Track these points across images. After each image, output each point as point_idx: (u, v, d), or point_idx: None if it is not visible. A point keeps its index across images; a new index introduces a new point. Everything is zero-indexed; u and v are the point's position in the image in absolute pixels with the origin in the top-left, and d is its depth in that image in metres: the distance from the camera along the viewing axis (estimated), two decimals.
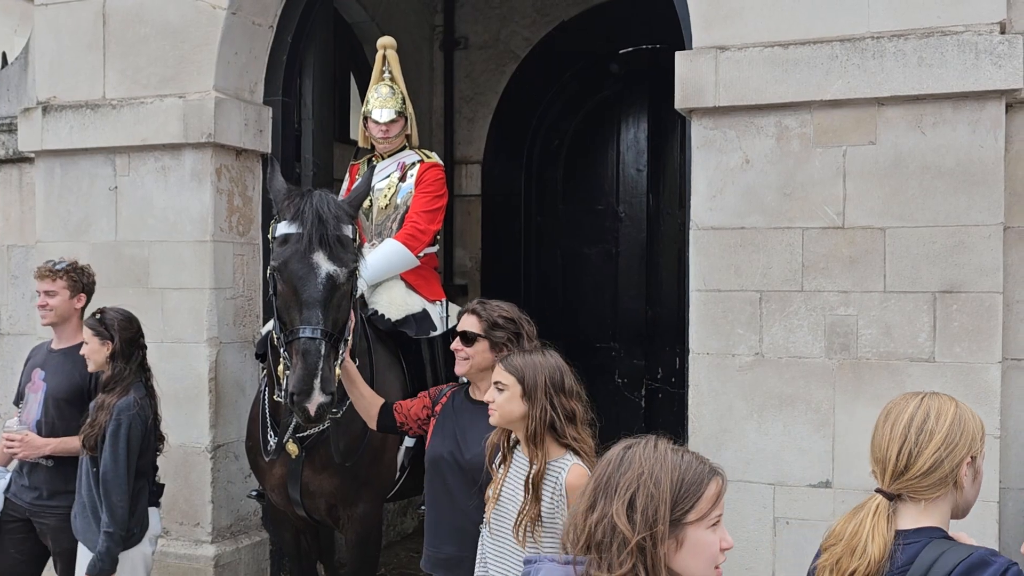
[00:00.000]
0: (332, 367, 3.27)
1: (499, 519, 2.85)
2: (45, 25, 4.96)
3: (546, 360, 2.84)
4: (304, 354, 3.20)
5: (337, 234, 3.37)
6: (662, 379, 6.72)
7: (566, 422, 2.77)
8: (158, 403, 3.88)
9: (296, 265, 3.31)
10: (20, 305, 5.36)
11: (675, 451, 1.75)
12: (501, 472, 2.89)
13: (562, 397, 2.78)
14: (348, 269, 3.39)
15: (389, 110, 4.49)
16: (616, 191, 6.86)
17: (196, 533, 4.67)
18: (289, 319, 3.34)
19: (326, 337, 3.24)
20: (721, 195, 3.81)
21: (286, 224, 3.39)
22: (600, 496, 1.71)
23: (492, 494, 2.89)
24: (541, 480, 2.73)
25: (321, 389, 3.18)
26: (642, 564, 1.63)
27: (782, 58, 3.67)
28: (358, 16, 6.53)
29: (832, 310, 3.67)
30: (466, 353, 3.18)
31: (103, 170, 4.82)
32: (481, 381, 3.20)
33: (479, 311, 3.21)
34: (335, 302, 3.34)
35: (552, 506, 2.72)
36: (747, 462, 3.79)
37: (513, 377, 2.78)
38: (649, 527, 1.64)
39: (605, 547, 1.66)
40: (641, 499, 1.66)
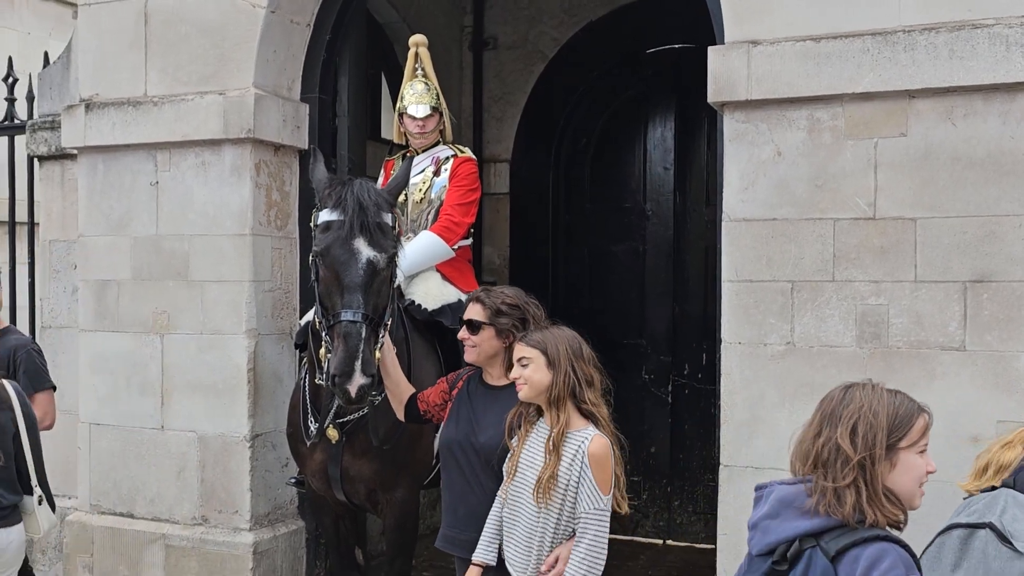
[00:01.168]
0: (372, 350, 3.38)
1: (516, 491, 2.98)
2: (88, 24, 5.08)
3: (562, 332, 3.08)
4: (345, 337, 3.31)
5: (377, 221, 3.48)
6: (689, 375, 6.76)
7: (586, 386, 2.99)
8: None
9: (338, 251, 3.42)
10: (61, 298, 5.48)
11: (890, 392, 2.10)
12: (517, 445, 3.02)
13: (581, 363, 3.01)
14: (388, 255, 3.49)
15: (424, 106, 4.59)
16: (643, 189, 6.91)
17: (235, 521, 4.76)
18: (331, 304, 3.45)
19: (367, 320, 3.35)
20: (753, 187, 3.87)
21: (328, 212, 3.50)
22: (826, 424, 2.07)
23: (509, 468, 3.02)
24: (561, 441, 2.93)
25: (362, 371, 3.29)
26: (862, 478, 1.99)
27: (814, 52, 3.73)
28: (389, 16, 6.63)
29: (863, 300, 3.72)
30: (472, 341, 3.32)
31: (144, 166, 4.93)
32: (491, 367, 3.35)
33: (483, 299, 3.35)
34: (375, 287, 3.45)
35: (569, 470, 2.92)
36: (779, 450, 3.79)
37: (536, 350, 3.00)
38: (868, 449, 2.00)
39: (830, 464, 2.02)
40: (862, 427, 2.01)
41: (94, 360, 5.07)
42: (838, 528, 1.98)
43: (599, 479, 2.92)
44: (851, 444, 2.00)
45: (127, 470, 5.01)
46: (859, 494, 1.97)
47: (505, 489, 3.10)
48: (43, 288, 5.59)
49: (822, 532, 2.00)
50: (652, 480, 6.78)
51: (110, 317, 5.03)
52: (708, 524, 6.51)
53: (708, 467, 6.59)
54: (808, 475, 2.06)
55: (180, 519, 4.89)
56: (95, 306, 5.06)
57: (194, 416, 4.84)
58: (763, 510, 2.12)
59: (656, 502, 6.83)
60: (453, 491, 3.32)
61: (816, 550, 1.98)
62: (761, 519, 2.11)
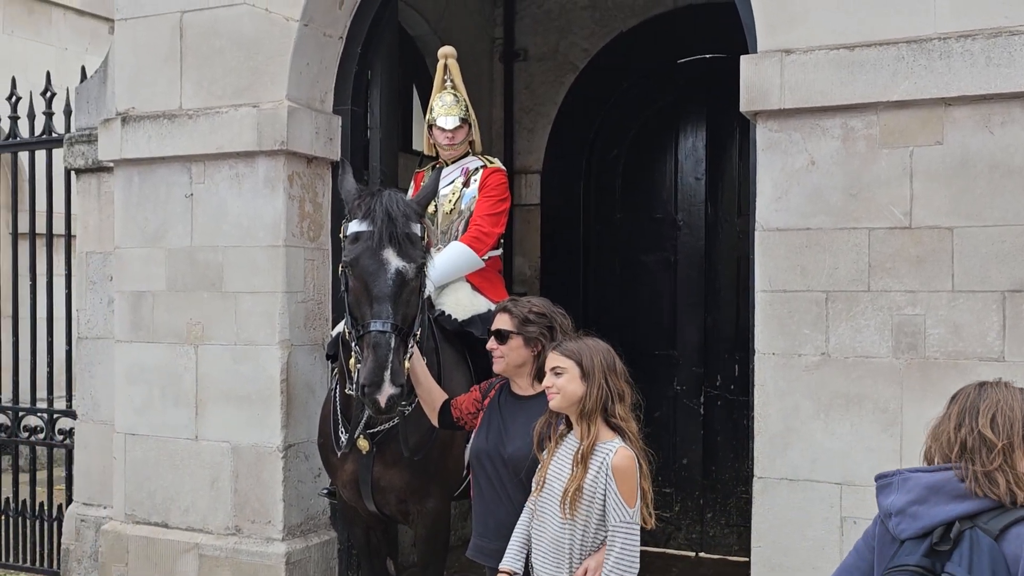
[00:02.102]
0: (402, 360, 3.39)
1: (544, 502, 2.98)
2: (124, 39, 5.15)
3: (596, 343, 3.08)
4: (375, 347, 3.33)
5: (406, 231, 3.50)
6: (721, 386, 6.72)
7: (617, 400, 2.99)
8: None
9: (367, 261, 3.44)
10: (98, 310, 5.54)
11: (1020, 389, 2.29)
12: (547, 458, 3.02)
13: (614, 376, 3.01)
14: (416, 265, 3.51)
15: (454, 117, 4.61)
16: (674, 199, 6.89)
17: (268, 531, 4.78)
18: (360, 314, 3.47)
19: (396, 331, 3.36)
20: (786, 196, 3.85)
21: (357, 222, 3.53)
22: (965, 416, 2.25)
23: (538, 480, 3.01)
24: (590, 455, 2.93)
25: (391, 381, 3.31)
26: (1006, 463, 2.18)
27: (848, 60, 3.70)
28: (421, 29, 6.67)
29: (899, 310, 3.68)
30: (500, 352, 3.33)
31: (179, 178, 4.99)
32: (519, 377, 3.35)
33: (511, 309, 3.35)
34: (404, 297, 3.47)
35: (595, 482, 2.92)
36: (813, 461, 3.81)
37: (571, 360, 3.00)
38: (1008, 437, 2.19)
39: (976, 451, 2.20)
40: (1000, 418, 2.21)
41: (130, 371, 5.12)
42: (993, 510, 2.15)
43: (623, 491, 2.92)
44: (992, 432, 2.19)
45: (161, 480, 5.05)
46: (1007, 476, 2.16)
47: (534, 500, 3.10)
48: (80, 300, 5.66)
49: (977, 514, 2.16)
50: (684, 492, 6.73)
51: (145, 328, 5.08)
52: (741, 537, 6.46)
53: (741, 479, 6.54)
54: (954, 463, 2.22)
55: (213, 529, 4.91)
56: (131, 317, 5.11)
57: (228, 426, 4.87)
58: (908, 496, 2.23)
59: (689, 514, 6.78)
60: (483, 501, 3.32)
61: (976, 530, 2.14)
62: (908, 505, 2.22)
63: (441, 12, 6.73)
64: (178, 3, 4.98)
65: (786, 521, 3.84)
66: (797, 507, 3.83)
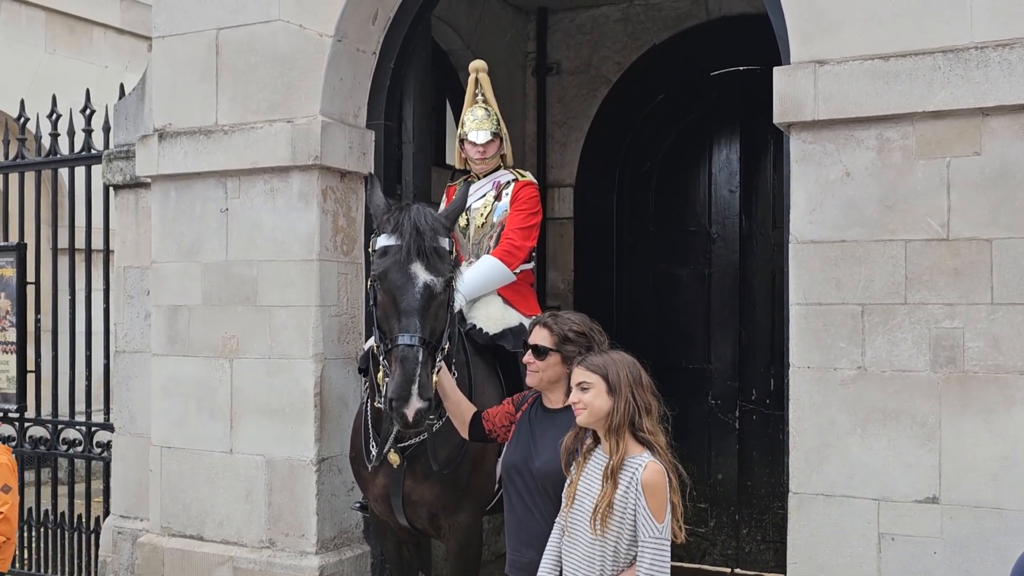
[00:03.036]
0: (430, 374, 3.39)
1: (575, 518, 2.97)
2: (162, 56, 5.23)
3: (622, 357, 3.07)
4: (403, 361, 3.33)
5: (434, 245, 3.51)
6: (756, 400, 6.66)
7: (644, 414, 2.97)
8: None
9: (395, 275, 3.45)
10: (135, 323, 5.61)
11: None
12: (575, 473, 3.00)
13: (641, 390, 3.00)
14: (444, 279, 3.52)
15: (485, 132, 4.62)
16: (708, 212, 6.85)
17: (301, 544, 4.80)
18: (388, 328, 3.48)
19: (424, 344, 3.37)
20: (821, 209, 3.81)
21: (385, 237, 3.54)
22: None
23: (567, 496, 3.00)
24: (619, 470, 2.91)
25: (419, 395, 3.31)
26: None
27: (883, 70, 3.66)
28: (453, 44, 6.70)
29: (937, 323, 3.63)
30: (536, 366, 3.32)
31: (215, 193, 5.04)
32: (552, 392, 3.35)
33: (551, 325, 3.34)
34: (432, 311, 3.47)
35: (625, 498, 2.90)
36: (850, 476, 3.75)
37: (597, 375, 2.99)
38: None
39: None
40: None
41: (165, 384, 5.17)
42: None
43: (653, 506, 2.89)
44: None
45: (196, 493, 5.09)
46: None
47: (563, 516, 3.08)
48: (117, 314, 5.73)
49: None
50: (719, 508, 6.67)
51: (181, 342, 5.12)
52: (777, 553, 6.38)
53: (777, 494, 6.47)
54: None
55: (248, 542, 4.94)
56: (167, 331, 5.17)
57: (262, 440, 4.90)
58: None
59: (724, 530, 6.71)
60: (515, 515, 3.32)
61: None
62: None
63: (474, 27, 6.76)
64: (214, 20, 5.05)
65: (822, 537, 3.79)
66: (833, 523, 3.77)
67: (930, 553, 3.62)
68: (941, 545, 3.60)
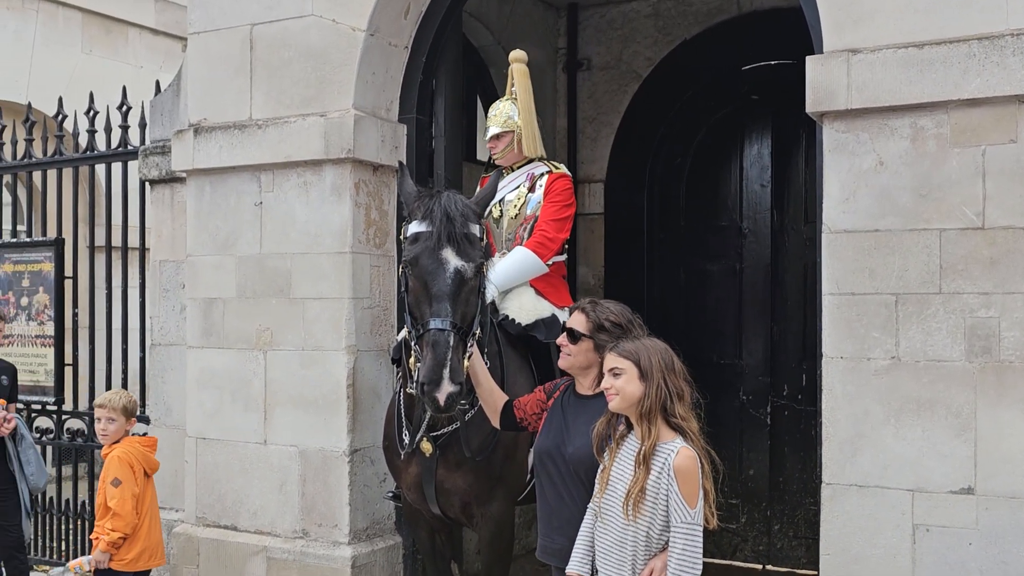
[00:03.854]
0: (461, 358, 3.41)
1: (608, 504, 2.98)
2: (197, 52, 5.29)
3: (654, 343, 3.07)
4: (434, 345, 3.35)
5: (464, 231, 3.53)
6: (788, 396, 6.62)
7: (676, 400, 2.97)
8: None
9: (426, 261, 3.48)
10: (170, 317, 5.68)
11: None
12: (608, 460, 3.00)
13: (673, 376, 3.00)
14: (475, 265, 3.54)
15: (495, 126, 4.68)
16: (740, 207, 6.83)
17: (334, 535, 4.84)
18: (419, 313, 3.51)
19: (455, 329, 3.38)
20: (854, 198, 3.79)
21: (416, 223, 3.58)
22: None
23: (600, 481, 3.00)
24: (651, 456, 2.92)
25: (450, 379, 3.33)
26: None
27: (917, 59, 3.64)
28: (484, 40, 6.73)
29: (972, 312, 3.60)
30: (569, 350, 3.32)
31: (249, 186, 5.09)
32: (584, 377, 3.35)
33: (588, 311, 3.35)
34: (463, 296, 3.50)
35: (657, 483, 2.91)
36: (884, 467, 3.73)
37: (629, 361, 2.99)
38: None
39: None
40: None
41: (201, 376, 5.24)
42: None
43: (685, 492, 2.89)
44: None
45: (231, 483, 5.14)
46: None
47: (596, 502, 3.08)
48: (153, 307, 5.81)
49: None
50: (751, 504, 6.64)
51: (216, 334, 5.18)
52: (809, 549, 6.35)
53: (809, 490, 6.43)
54: None
55: (281, 532, 4.98)
56: (202, 323, 5.23)
57: (295, 431, 4.94)
58: None
59: (755, 526, 6.68)
60: (546, 501, 3.33)
61: None
62: None
63: (504, 22, 6.78)
64: (248, 16, 5.10)
65: (856, 529, 3.77)
66: (867, 514, 3.75)
67: (966, 544, 3.59)
68: (977, 536, 3.57)
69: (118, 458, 4.43)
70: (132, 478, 4.41)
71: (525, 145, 4.68)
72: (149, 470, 4.57)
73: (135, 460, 4.46)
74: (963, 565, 3.59)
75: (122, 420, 4.51)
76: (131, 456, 4.45)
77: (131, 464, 4.43)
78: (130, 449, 4.49)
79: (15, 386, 5.47)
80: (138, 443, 4.57)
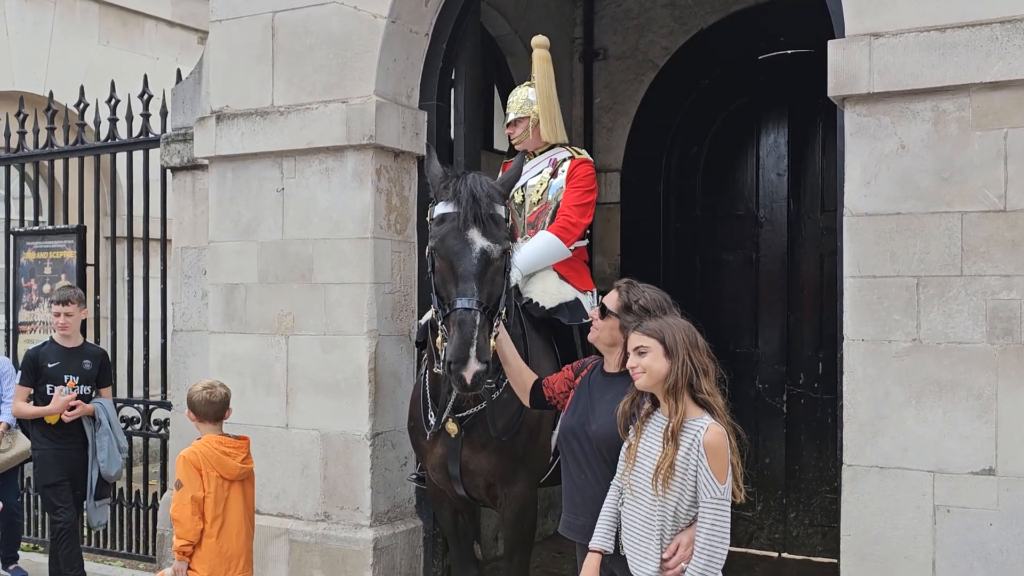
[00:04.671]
0: (487, 337, 3.44)
1: (635, 481, 3.05)
2: (219, 40, 5.33)
3: (677, 320, 3.12)
4: (460, 324, 3.39)
5: (490, 212, 3.57)
6: (804, 384, 6.64)
7: (702, 376, 3.00)
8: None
9: (452, 241, 3.52)
10: (192, 303, 5.73)
11: None
12: (634, 437, 3.03)
13: (697, 352, 3.03)
14: (501, 246, 3.57)
15: (513, 112, 4.72)
16: (756, 196, 6.84)
17: (356, 517, 4.88)
18: (446, 293, 3.55)
19: (481, 308, 3.41)
20: (875, 181, 3.82)
21: (443, 204, 3.61)
22: None
23: (627, 458, 3.03)
24: (679, 432, 2.94)
25: (477, 357, 3.36)
26: None
27: (939, 42, 3.66)
28: (502, 29, 6.76)
29: (994, 295, 3.62)
30: (597, 324, 3.36)
31: (271, 173, 5.14)
32: (609, 355, 3.39)
33: (623, 290, 3.37)
34: (489, 276, 3.53)
35: (686, 459, 2.94)
36: (905, 449, 3.75)
37: (653, 339, 3.03)
38: None
39: None
40: None
41: (223, 361, 5.28)
42: None
43: (715, 468, 2.92)
44: None
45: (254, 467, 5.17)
46: None
47: (621, 478, 3.11)
48: (175, 293, 5.85)
49: None
50: (767, 492, 6.66)
51: (238, 319, 5.23)
52: (825, 537, 6.37)
53: (825, 478, 6.46)
54: None
55: (303, 515, 5.03)
56: (224, 309, 5.27)
57: (317, 415, 4.99)
58: None
59: (771, 514, 6.71)
60: (570, 478, 3.36)
61: None
62: None
63: (522, 12, 6.81)
64: (270, 3, 5.14)
65: (876, 510, 3.79)
66: (888, 495, 3.78)
67: (986, 525, 3.61)
68: (997, 517, 3.59)
69: (184, 458, 4.12)
70: (197, 481, 4.06)
71: (543, 130, 4.70)
72: (226, 474, 4.15)
73: (204, 462, 4.09)
74: (983, 546, 3.61)
75: (190, 413, 4.21)
76: (199, 457, 4.10)
77: (197, 466, 4.08)
78: (203, 450, 4.12)
79: (105, 370, 5.47)
80: (217, 444, 4.17)
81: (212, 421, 4.20)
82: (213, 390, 4.20)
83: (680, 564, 2.95)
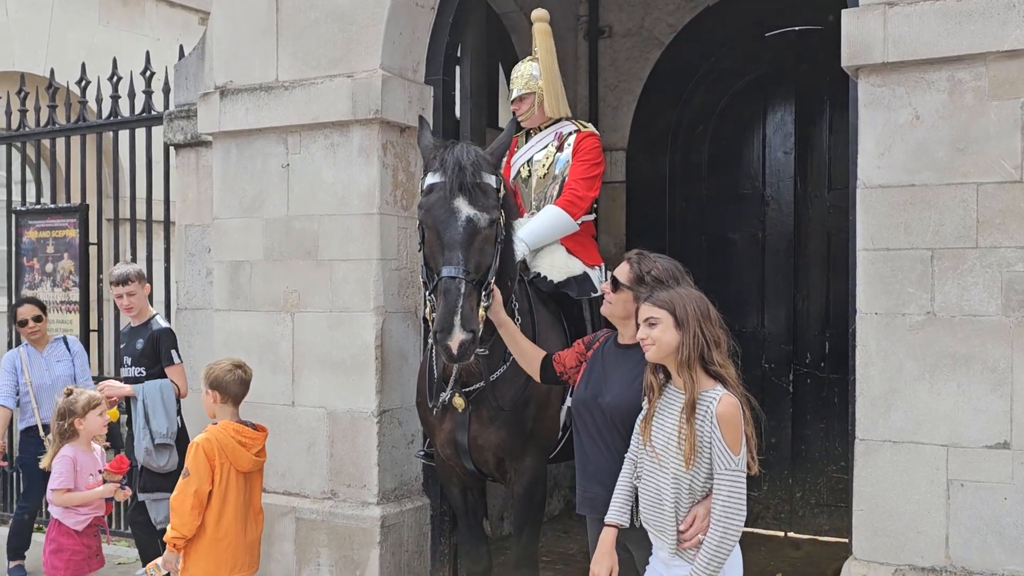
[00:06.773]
0: (474, 306, 3.40)
1: (650, 454, 3.03)
2: (222, 14, 5.28)
3: (688, 292, 3.06)
4: (445, 293, 3.35)
5: (476, 181, 3.52)
6: (811, 364, 6.62)
7: (714, 347, 2.97)
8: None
9: (438, 211, 3.49)
10: (196, 281, 5.69)
11: None
12: (648, 408, 3.01)
13: (709, 324, 2.99)
14: (489, 215, 3.52)
15: (517, 89, 4.67)
16: (762, 175, 6.80)
17: (363, 495, 4.85)
18: (434, 263, 3.51)
19: (467, 276, 3.37)
20: (889, 153, 3.77)
21: (431, 175, 3.60)
22: None
23: (642, 432, 3.01)
24: (695, 406, 2.91)
25: (462, 327, 3.31)
26: None
27: (955, 10, 3.61)
28: (506, 7, 6.70)
29: (1010, 267, 3.58)
30: (610, 298, 3.32)
31: (276, 148, 5.09)
32: (624, 328, 3.35)
33: (634, 262, 3.33)
34: (476, 245, 3.48)
35: (701, 431, 2.92)
36: (918, 423, 3.72)
37: (664, 310, 2.98)
38: None
39: None
40: None
41: (228, 338, 5.24)
42: None
43: (729, 439, 2.90)
44: None
45: None
46: None
47: (635, 452, 3.09)
48: (179, 271, 5.81)
49: None
50: (773, 472, 6.64)
51: (243, 297, 5.19)
52: (831, 516, 6.36)
53: (831, 458, 6.44)
54: None
55: (310, 493, 5.01)
56: (229, 286, 5.23)
57: (323, 392, 4.96)
58: None
59: (777, 494, 6.69)
60: (583, 451, 3.33)
61: None
62: None
63: None
64: None
65: (889, 484, 3.76)
66: (901, 470, 3.75)
67: (1000, 499, 3.58)
68: (1012, 490, 3.56)
69: (197, 446, 3.88)
70: (207, 474, 3.83)
71: (547, 105, 4.66)
72: (238, 466, 3.93)
73: (219, 451, 3.86)
74: (997, 520, 3.59)
75: (215, 394, 3.96)
76: (215, 446, 3.86)
77: (211, 456, 3.84)
78: (220, 436, 3.89)
79: (160, 349, 5.13)
80: (234, 432, 3.93)
81: (236, 403, 4.06)
82: (244, 368, 4.06)
83: (697, 536, 2.92)
